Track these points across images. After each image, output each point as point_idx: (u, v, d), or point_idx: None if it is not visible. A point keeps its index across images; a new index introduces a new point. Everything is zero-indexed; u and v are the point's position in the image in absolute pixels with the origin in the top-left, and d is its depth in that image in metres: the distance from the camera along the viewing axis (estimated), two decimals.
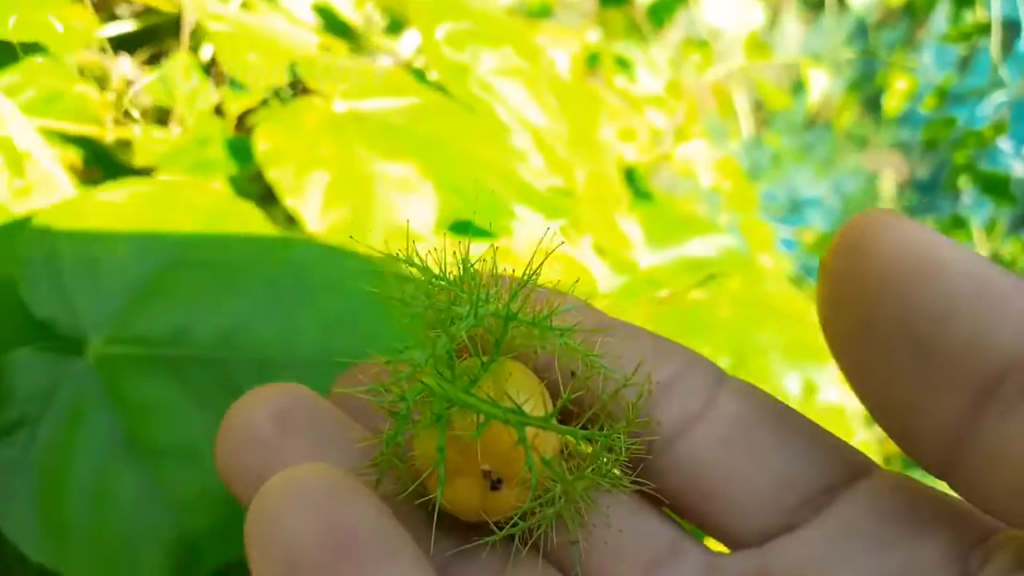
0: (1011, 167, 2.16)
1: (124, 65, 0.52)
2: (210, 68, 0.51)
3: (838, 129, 2.30)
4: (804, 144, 2.24)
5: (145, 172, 0.46)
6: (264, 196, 0.47)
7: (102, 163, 0.50)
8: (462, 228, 0.46)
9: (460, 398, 0.20)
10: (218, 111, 0.49)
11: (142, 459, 0.30)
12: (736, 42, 1.61)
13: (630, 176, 0.91)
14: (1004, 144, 2.32)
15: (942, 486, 0.20)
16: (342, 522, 0.17)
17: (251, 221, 0.34)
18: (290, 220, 0.44)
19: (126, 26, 0.54)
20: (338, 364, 0.33)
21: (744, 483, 0.22)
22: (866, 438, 0.74)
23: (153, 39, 0.55)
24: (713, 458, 0.22)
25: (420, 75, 0.56)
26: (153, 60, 0.50)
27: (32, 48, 0.46)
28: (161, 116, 0.50)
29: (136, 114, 0.47)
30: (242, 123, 0.49)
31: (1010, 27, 2.14)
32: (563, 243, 0.53)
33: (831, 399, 0.61)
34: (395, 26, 0.73)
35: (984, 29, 1.80)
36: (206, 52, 0.52)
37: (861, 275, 0.18)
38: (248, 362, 0.33)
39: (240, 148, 0.48)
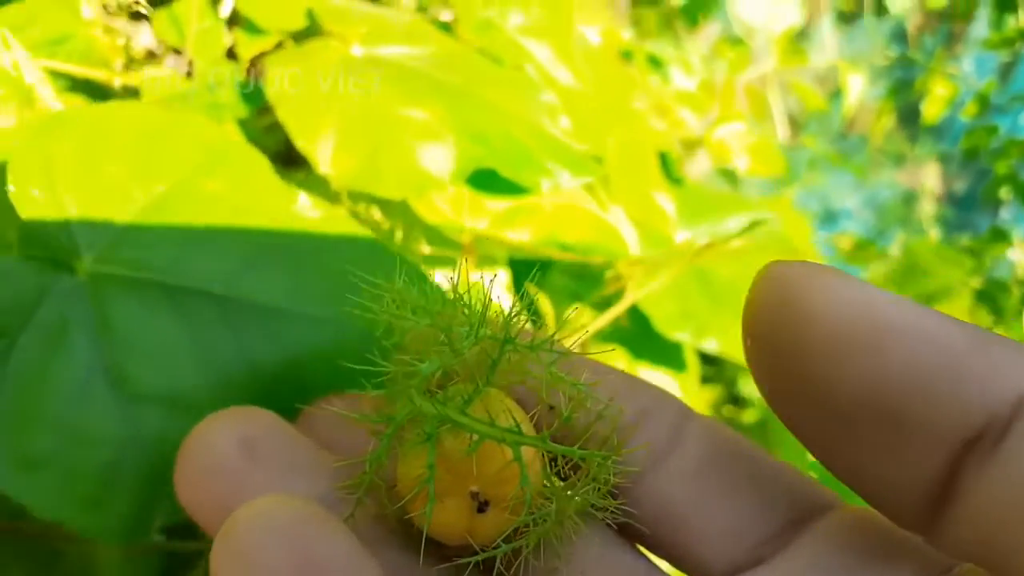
0: None
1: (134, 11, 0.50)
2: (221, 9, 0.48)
3: (874, 137, 2.25)
4: (840, 152, 2.19)
5: None
6: (276, 156, 0.44)
7: None
8: (484, 178, 0.43)
9: (454, 417, 0.20)
10: (230, 55, 0.47)
11: (125, 398, 0.27)
12: (771, 43, 1.58)
13: (663, 161, 0.88)
14: None
15: None
16: (313, 556, 0.17)
17: (256, 165, 0.32)
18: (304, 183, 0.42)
19: None
20: (345, 323, 0.30)
21: (712, 517, 0.22)
22: None
23: None
24: (682, 492, 0.23)
25: (444, 27, 0.53)
26: (161, 2, 0.47)
27: None
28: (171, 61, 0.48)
29: (145, 55, 0.45)
30: (255, 67, 0.46)
31: None
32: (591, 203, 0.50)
33: None
34: None
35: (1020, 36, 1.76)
36: None
37: (803, 343, 0.18)
38: (253, 306, 0.30)
39: (252, 94, 0.45)
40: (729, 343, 0.59)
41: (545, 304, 0.44)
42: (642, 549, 0.24)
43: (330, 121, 0.41)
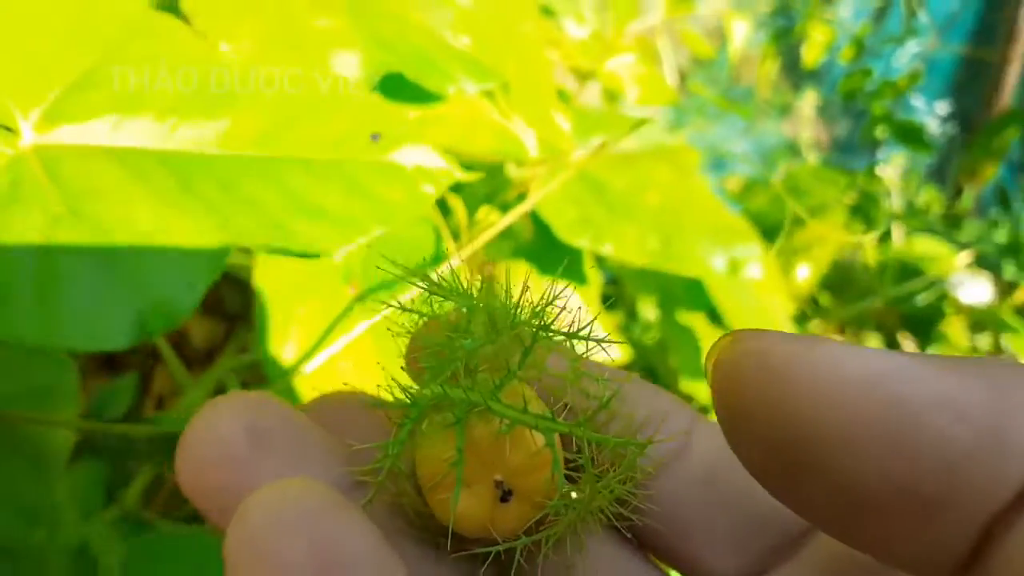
0: (925, 122, 2.24)
1: None
2: None
3: (761, 86, 2.35)
4: (728, 100, 2.28)
5: None
6: None
7: None
8: (393, 86, 0.47)
9: (488, 402, 0.20)
10: None
11: (89, 240, 0.29)
12: None
13: (559, 95, 0.92)
14: (917, 101, 2.41)
15: None
16: (336, 550, 0.16)
17: (178, 33, 0.34)
18: None
19: None
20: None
21: (719, 524, 0.22)
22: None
23: None
24: (690, 498, 0.22)
25: None
26: None
27: None
28: None
29: None
30: None
31: None
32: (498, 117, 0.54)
33: (754, 275, 0.64)
34: None
35: None
36: None
37: (811, 431, 0.17)
38: (200, 160, 0.32)
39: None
40: (623, 247, 0.63)
41: (459, 205, 0.48)
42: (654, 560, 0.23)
43: (247, 25, 0.43)
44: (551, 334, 0.21)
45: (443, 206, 0.49)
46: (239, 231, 0.29)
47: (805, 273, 0.93)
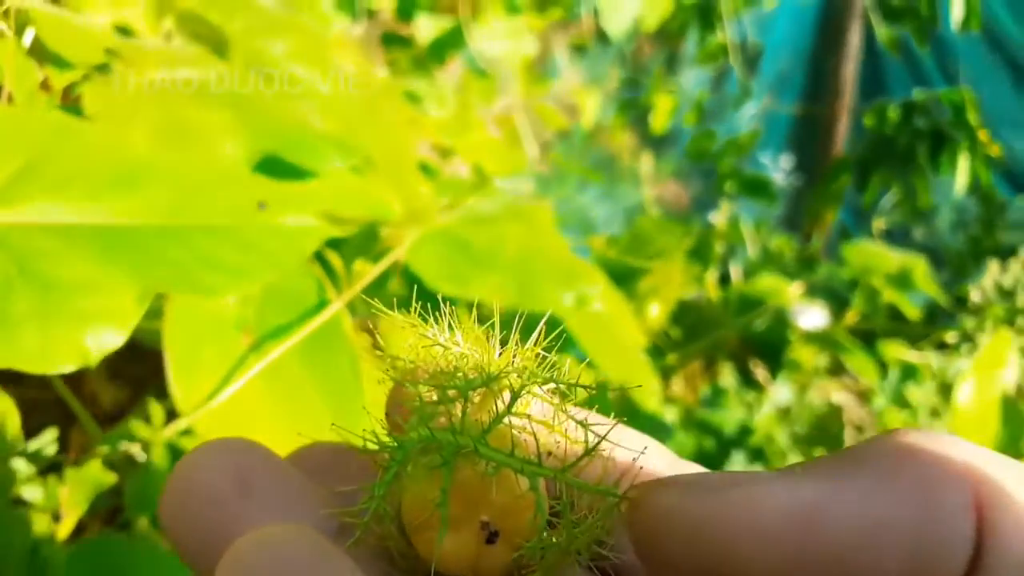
0: (772, 175, 2.45)
1: None
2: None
3: (620, 154, 2.53)
4: (589, 168, 2.44)
5: None
6: None
7: None
8: (270, 164, 0.55)
9: (475, 445, 0.20)
10: (44, 86, 0.56)
11: (35, 292, 0.37)
12: (514, 73, 1.77)
13: (423, 168, 1.02)
14: (764, 157, 2.63)
15: None
16: None
17: (90, 134, 0.42)
18: None
19: None
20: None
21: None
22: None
23: None
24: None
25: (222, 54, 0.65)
26: None
27: None
28: None
29: None
30: (67, 96, 0.56)
31: (755, 48, 2.45)
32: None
33: (597, 308, 0.74)
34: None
35: (725, 50, 2.05)
36: (28, 37, 0.59)
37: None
38: (119, 229, 0.41)
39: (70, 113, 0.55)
40: (486, 292, 0.73)
41: (336, 260, 0.57)
42: None
43: (140, 126, 0.51)
44: (538, 379, 0.22)
45: (326, 264, 0.57)
46: (157, 281, 0.37)
47: (655, 311, 1.05)
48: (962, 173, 1.85)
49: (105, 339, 0.35)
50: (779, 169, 2.53)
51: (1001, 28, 2.43)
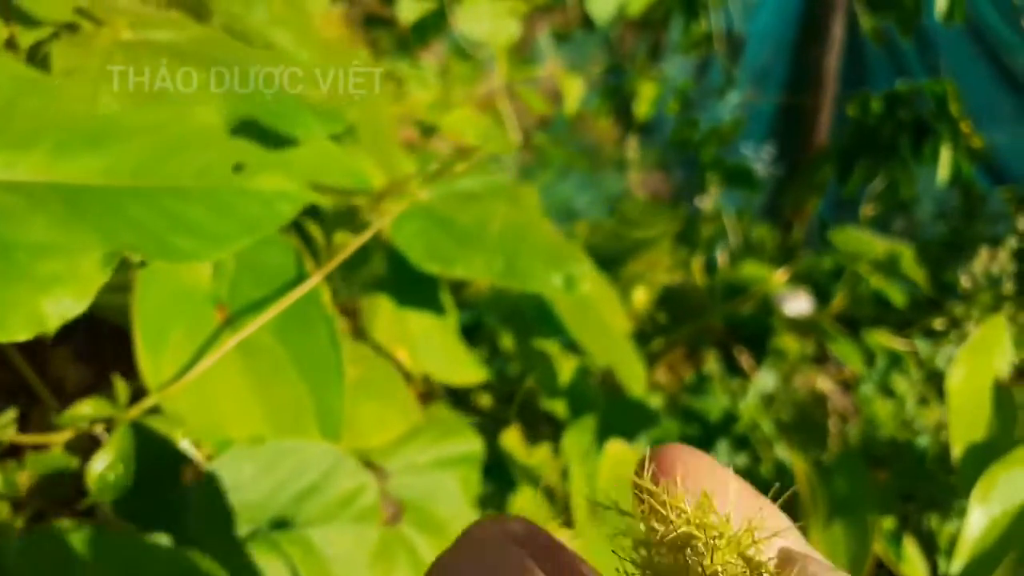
0: (754, 165, 2.44)
1: None
2: None
3: (604, 142, 2.51)
4: (573, 155, 2.42)
5: None
6: None
7: None
8: (248, 129, 0.53)
9: None
10: (10, 44, 0.53)
11: None
12: (498, 57, 1.75)
13: (409, 145, 1.00)
14: (746, 147, 2.62)
15: None
16: None
17: (60, 90, 0.40)
18: None
19: None
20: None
21: None
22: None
23: None
24: None
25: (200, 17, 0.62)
26: None
27: None
28: None
29: None
30: (35, 56, 0.53)
31: (738, 38, 2.44)
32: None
33: (586, 289, 0.72)
34: None
35: (709, 39, 2.03)
36: None
37: None
38: (86, 189, 0.38)
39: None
40: (472, 270, 0.71)
41: (316, 231, 0.55)
42: None
43: (108, 90, 0.49)
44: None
45: (305, 235, 0.55)
46: (123, 245, 0.35)
47: (641, 296, 1.03)
48: (944, 165, 1.85)
49: (65, 305, 0.32)
50: (761, 159, 2.53)
51: (984, 21, 2.43)
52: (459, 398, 1.03)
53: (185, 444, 0.52)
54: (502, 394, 1.05)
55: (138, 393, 0.51)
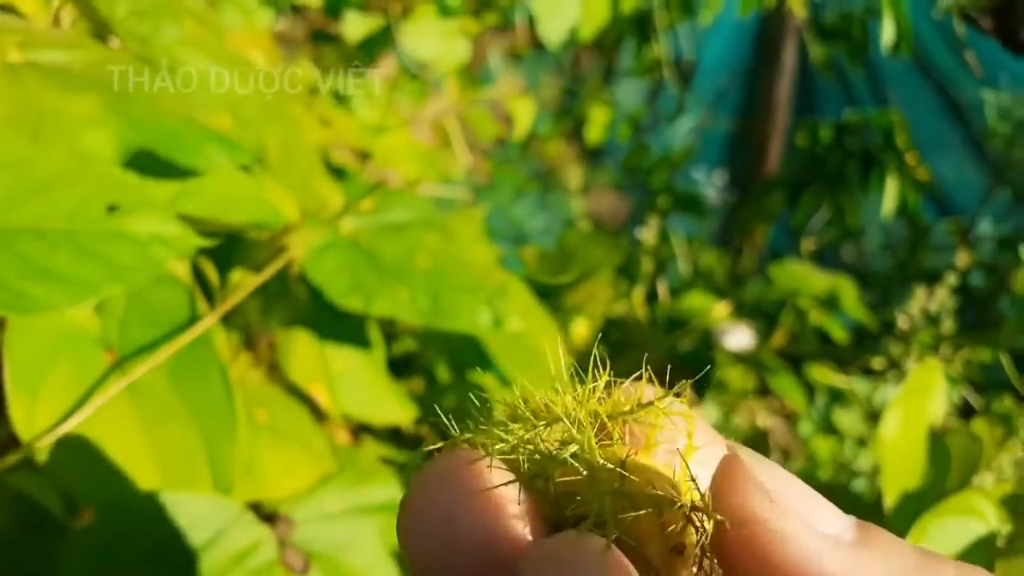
0: (706, 191, 2.44)
1: None
2: None
3: (555, 165, 2.49)
4: (524, 178, 2.40)
5: None
6: None
7: None
8: (142, 160, 0.49)
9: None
10: None
11: None
12: (447, 78, 1.72)
13: (338, 172, 0.97)
14: (698, 173, 2.62)
15: None
16: None
17: None
18: None
19: None
20: None
21: None
22: None
23: None
24: None
25: (102, 39, 0.58)
26: None
27: None
28: None
29: None
30: None
31: (688, 64, 2.44)
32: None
33: (515, 328, 0.69)
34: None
35: (660, 64, 2.03)
36: None
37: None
38: None
39: None
40: (396, 308, 0.68)
41: (210, 269, 0.51)
42: None
43: None
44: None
45: (199, 274, 0.51)
46: None
47: (582, 328, 1.01)
48: (890, 196, 1.87)
49: None
50: (713, 184, 2.53)
51: (930, 54, 2.47)
52: (396, 431, 1.00)
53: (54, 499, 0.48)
54: (440, 427, 1.02)
55: (8, 444, 0.47)
